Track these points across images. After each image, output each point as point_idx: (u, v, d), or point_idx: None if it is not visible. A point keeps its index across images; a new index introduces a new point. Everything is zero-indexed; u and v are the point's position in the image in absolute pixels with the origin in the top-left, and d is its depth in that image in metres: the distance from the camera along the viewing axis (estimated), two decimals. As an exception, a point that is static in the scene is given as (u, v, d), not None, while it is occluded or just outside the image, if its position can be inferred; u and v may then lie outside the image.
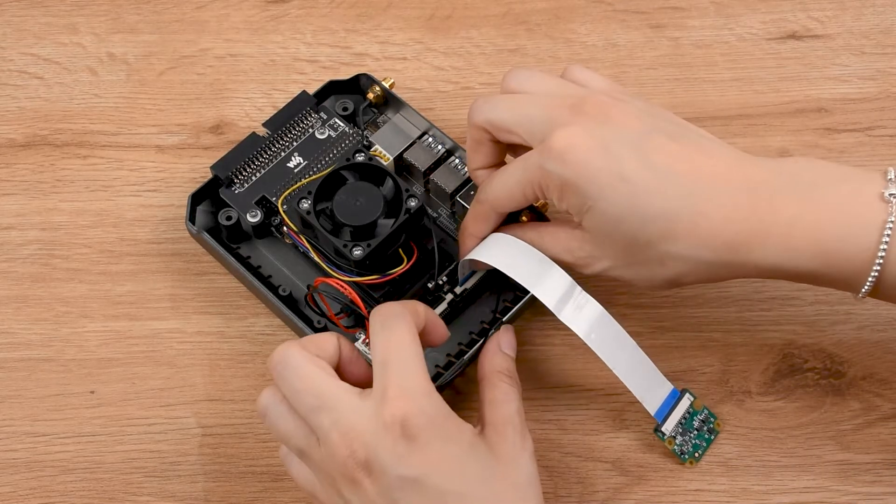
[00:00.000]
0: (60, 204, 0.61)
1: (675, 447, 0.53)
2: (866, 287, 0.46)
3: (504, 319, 0.55)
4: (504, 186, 0.50)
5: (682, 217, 0.45)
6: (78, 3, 0.68)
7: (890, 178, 0.46)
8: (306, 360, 0.46)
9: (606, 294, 0.58)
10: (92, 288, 0.59)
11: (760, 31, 0.67)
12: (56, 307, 0.58)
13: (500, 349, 0.51)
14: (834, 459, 0.54)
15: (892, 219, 0.44)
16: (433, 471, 0.43)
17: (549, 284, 0.50)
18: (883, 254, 0.45)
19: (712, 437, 0.54)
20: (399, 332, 0.46)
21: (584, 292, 0.50)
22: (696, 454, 0.54)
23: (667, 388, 0.53)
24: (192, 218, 0.58)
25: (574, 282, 0.50)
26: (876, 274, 0.45)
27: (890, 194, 0.45)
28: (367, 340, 0.54)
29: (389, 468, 0.43)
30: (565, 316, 0.49)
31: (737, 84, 0.65)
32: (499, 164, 0.53)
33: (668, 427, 0.53)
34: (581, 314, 0.50)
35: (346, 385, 0.46)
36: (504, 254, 0.51)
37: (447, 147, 0.59)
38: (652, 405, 0.52)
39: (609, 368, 0.50)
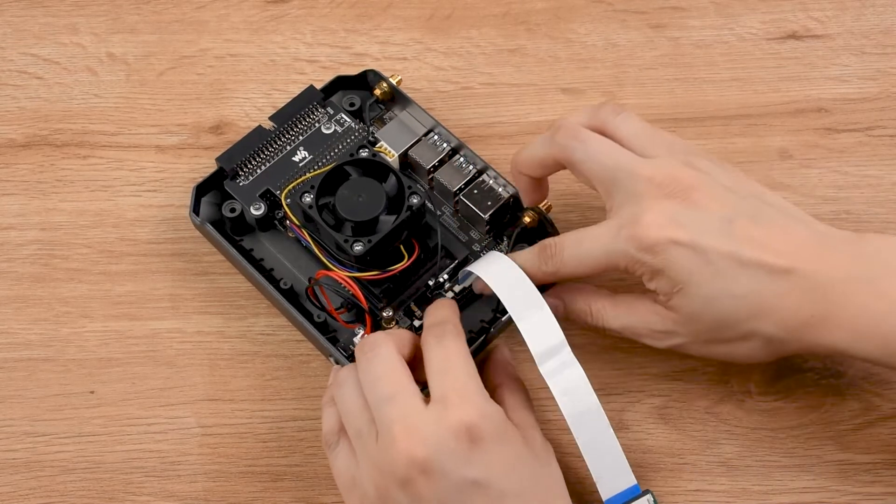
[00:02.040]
0: (60, 204, 0.61)
1: None
2: None
3: (503, 319, 0.55)
4: (582, 261, 0.50)
5: (768, 296, 0.47)
6: (78, 3, 0.68)
7: None
8: (394, 352, 0.48)
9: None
10: (92, 288, 0.59)
11: (760, 31, 0.67)
12: (56, 307, 0.58)
13: (507, 357, 0.53)
14: (834, 459, 0.54)
15: None
16: (495, 473, 0.45)
17: (540, 331, 0.49)
18: None
19: None
20: (454, 344, 0.48)
21: (571, 353, 0.49)
22: None
23: (629, 480, 0.50)
24: (196, 209, 0.58)
25: (565, 339, 0.49)
26: None
27: None
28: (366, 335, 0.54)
29: (453, 471, 0.44)
30: (546, 370, 0.49)
31: (737, 84, 0.65)
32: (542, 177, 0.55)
33: None
34: (562, 374, 0.49)
35: (417, 388, 0.47)
36: (505, 280, 0.51)
37: (452, 145, 0.59)
38: (606, 490, 0.50)
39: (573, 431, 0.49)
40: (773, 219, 0.49)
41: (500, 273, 0.51)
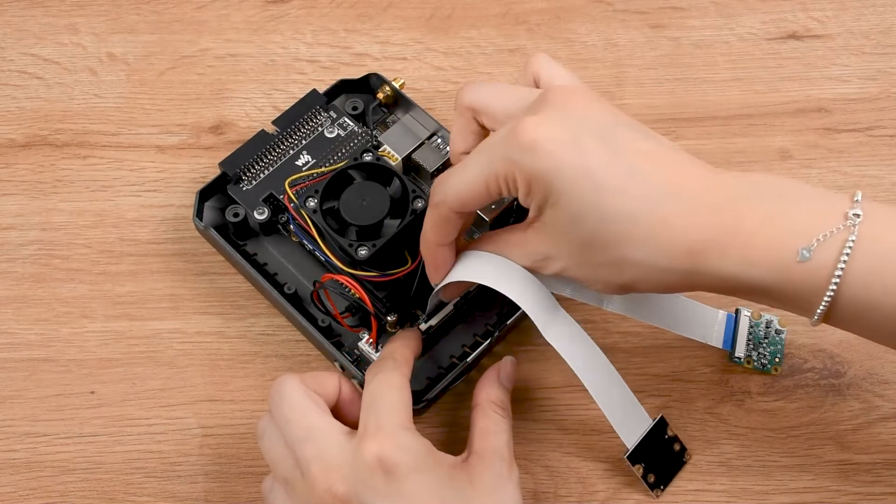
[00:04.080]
0: (60, 204, 0.61)
1: (755, 364, 0.56)
2: (821, 308, 0.44)
3: (508, 322, 0.55)
4: (464, 182, 0.47)
5: (643, 221, 0.44)
6: (78, 3, 0.68)
7: (856, 200, 0.44)
8: (301, 392, 0.48)
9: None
10: (92, 288, 0.59)
11: (760, 31, 0.67)
12: (56, 307, 0.58)
13: (497, 380, 0.52)
14: (834, 459, 0.54)
15: (853, 237, 0.43)
16: (411, 502, 0.45)
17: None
18: (840, 272, 0.43)
19: (781, 336, 0.56)
20: (386, 376, 0.48)
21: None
22: (777, 359, 0.56)
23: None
24: (199, 214, 0.58)
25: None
26: (832, 294, 0.43)
27: (854, 214, 0.43)
28: (371, 340, 0.54)
29: (368, 502, 0.44)
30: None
31: (737, 84, 0.65)
32: None
33: (740, 348, 0.55)
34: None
35: (336, 423, 0.47)
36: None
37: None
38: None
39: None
40: (657, 139, 0.46)
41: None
